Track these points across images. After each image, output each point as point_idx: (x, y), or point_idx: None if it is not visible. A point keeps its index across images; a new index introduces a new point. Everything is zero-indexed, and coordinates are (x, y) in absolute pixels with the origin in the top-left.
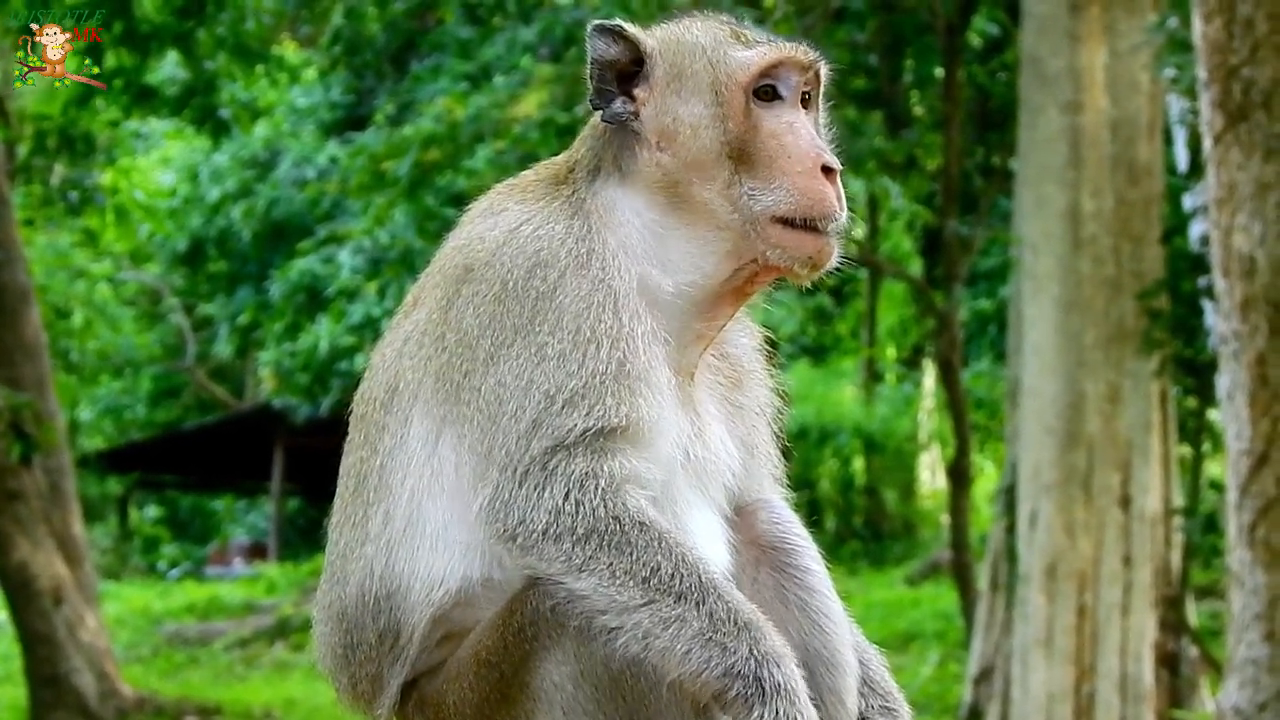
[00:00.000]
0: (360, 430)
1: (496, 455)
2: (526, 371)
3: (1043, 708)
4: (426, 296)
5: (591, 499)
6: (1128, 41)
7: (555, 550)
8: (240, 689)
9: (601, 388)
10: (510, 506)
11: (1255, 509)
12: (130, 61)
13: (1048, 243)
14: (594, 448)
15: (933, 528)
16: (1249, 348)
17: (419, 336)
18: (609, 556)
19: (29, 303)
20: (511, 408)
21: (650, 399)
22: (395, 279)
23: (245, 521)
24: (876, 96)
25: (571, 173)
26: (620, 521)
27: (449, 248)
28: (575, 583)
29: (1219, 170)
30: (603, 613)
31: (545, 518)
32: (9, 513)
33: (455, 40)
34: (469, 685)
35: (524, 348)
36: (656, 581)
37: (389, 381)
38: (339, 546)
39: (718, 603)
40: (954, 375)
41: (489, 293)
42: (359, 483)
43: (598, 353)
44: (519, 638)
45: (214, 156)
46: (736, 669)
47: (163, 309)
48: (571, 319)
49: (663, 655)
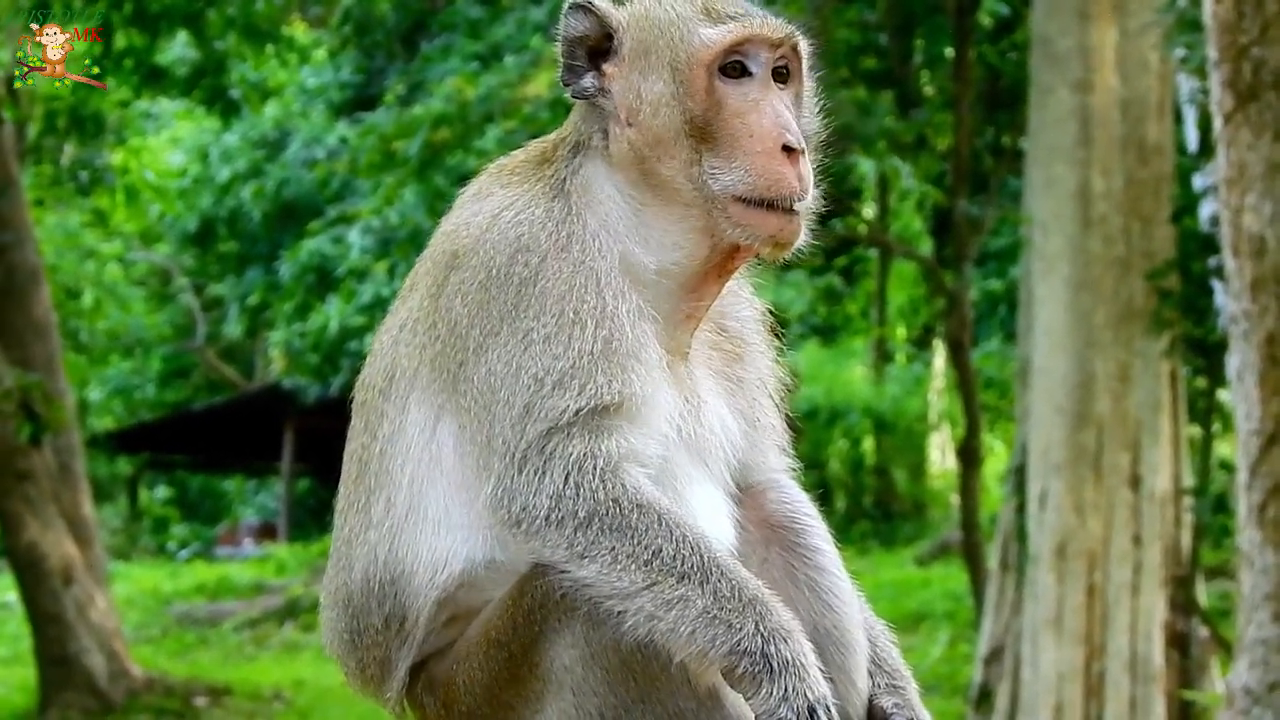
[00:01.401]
0: (361, 416)
1: (496, 444)
2: (515, 358)
3: (1053, 688)
4: (420, 282)
5: (591, 480)
6: (1138, 21)
7: (559, 536)
8: (250, 669)
9: (591, 367)
10: (513, 494)
11: (1265, 489)
12: (140, 42)
13: (1058, 222)
14: (589, 427)
15: (943, 508)
16: (1259, 327)
17: (413, 324)
18: (610, 540)
19: (39, 283)
20: (504, 395)
21: (641, 375)
22: (404, 259)
23: (255, 502)
24: (887, 76)
25: (555, 151)
26: (619, 504)
27: (439, 233)
28: (579, 570)
29: (1229, 150)
30: (608, 598)
31: (547, 503)
32: (19, 493)
33: (465, 20)
34: (478, 666)
35: (511, 335)
36: (658, 563)
37: (387, 368)
38: (343, 533)
39: (721, 580)
40: (964, 355)
41: (474, 280)
42: (361, 469)
43: (583, 333)
44: (528, 620)
45: (224, 137)
46: (743, 646)
47: (172, 289)
48: (555, 302)
49: (668, 637)
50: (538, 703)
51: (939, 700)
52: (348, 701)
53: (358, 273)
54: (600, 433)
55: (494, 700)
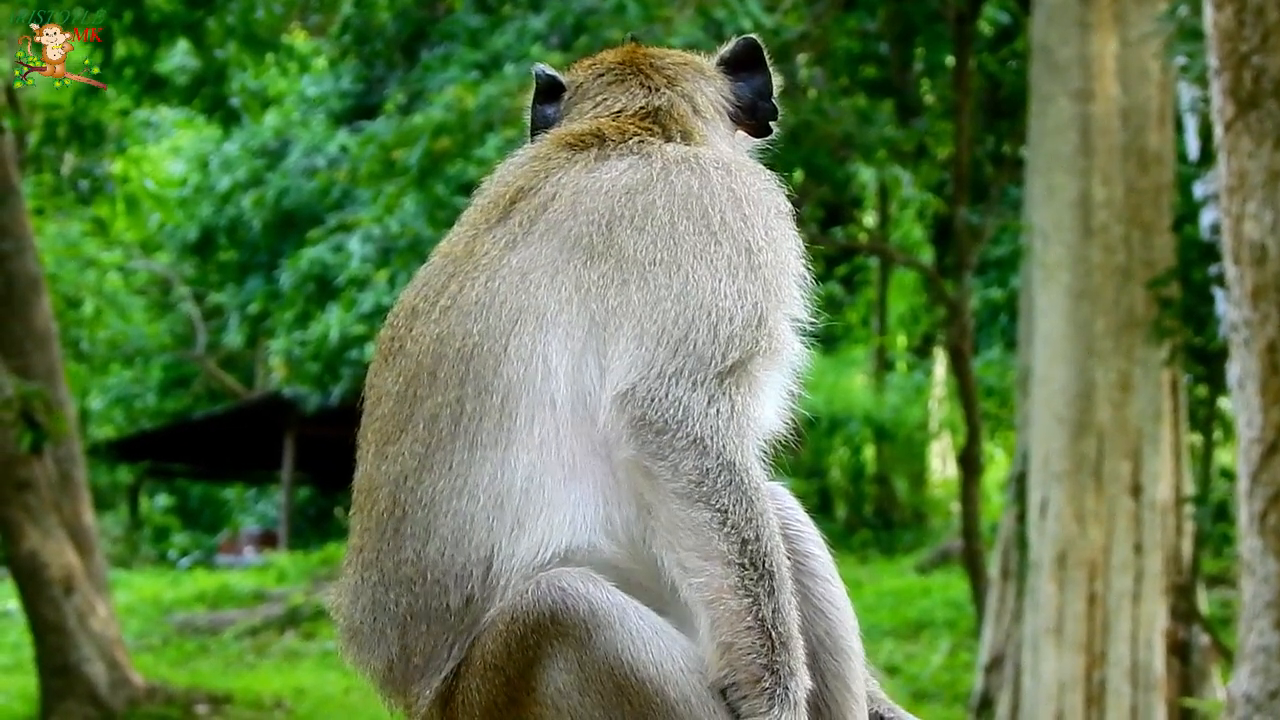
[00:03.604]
0: (456, 367)
1: (683, 347)
2: (738, 271)
3: (1053, 696)
4: (530, 239)
5: (740, 436)
6: (1138, 30)
7: (694, 464)
8: (251, 678)
9: (785, 325)
10: (678, 400)
11: (1266, 497)
12: (140, 50)
13: (1058, 231)
14: (756, 388)
15: (943, 516)
16: (1260, 335)
17: (548, 266)
18: (731, 498)
19: (39, 292)
20: (722, 306)
21: (796, 349)
22: (405, 268)
23: (255, 510)
24: (887, 85)
25: (683, 133)
26: (750, 472)
27: (573, 188)
28: (687, 508)
29: (1230, 158)
30: (689, 550)
31: (706, 428)
32: (19, 502)
33: (465, 29)
34: (476, 689)
35: (735, 250)
36: (754, 549)
37: (512, 312)
38: (419, 498)
39: (785, 602)
40: (965, 363)
41: (681, 204)
42: (455, 427)
43: (795, 294)
44: (521, 645)
45: (224, 146)
46: (776, 669)
47: (173, 298)
48: (786, 252)
49: (724, 618)
50: None
51: (940, 708)
52: (349, 710)
53: (358, 281)
54: (759, 396)
55: None
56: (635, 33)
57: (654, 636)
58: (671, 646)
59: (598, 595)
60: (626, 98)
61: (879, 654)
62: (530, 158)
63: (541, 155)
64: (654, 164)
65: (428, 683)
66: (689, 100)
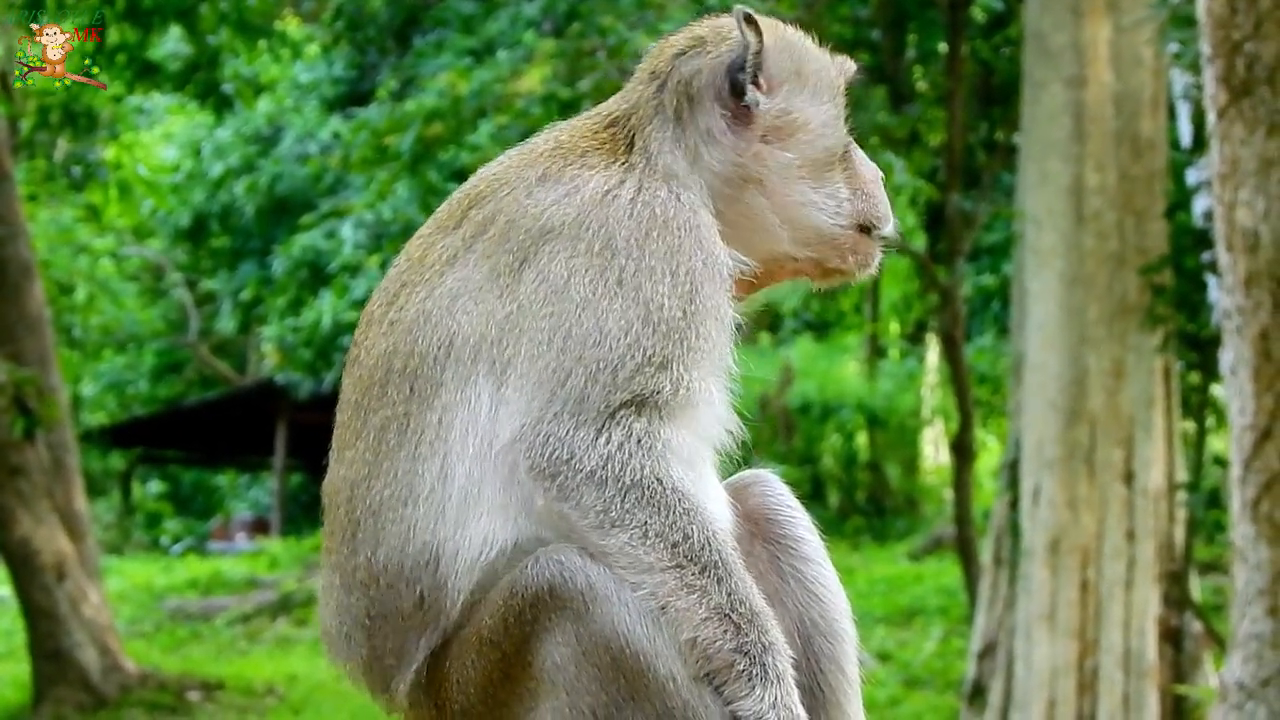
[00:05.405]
0: (401, 384)
1: (561, 391)
2: (634, 326)
3: (1046, 683)
4: (469, 258)
5: (643, 456)
6: (1131, 16)
7: (596, 497)
8: (243, 664)
9: (697, 362)
10: (561, 441)
11: (1259, 484)
12: (133, 37)
13: (1051, 218)
14: (664, 413)
15: (936, 503)
16: (1252, 323)
17: (475, 292)
18: (645, 514)
19: (32, 278)
20: (605, 353)
21: (721, 384)
22: (397, 253)
23: (248, 497)
24: (879, 71)
25: (630, 146)
26: (662, 483)
27: (510, 212)
28: (605, 537)
29: (1222, 145)
30: (625, 569)
31: (595, 460)
32: (11, 488)
33: (458, 15)
34: (471, 664)
35: (632, 302)
36: (686, 549)
37: (444, 336)
38: (369, 505)
39: (738, 584)
40: (957, 350)
41: (586, 249)
42: (402, 438)
43: (703, 328)
44: (519, 619)
45: (217, 132)
46: (747, 649)
47: (165, 284)
48: (688, 288)
49: (679, 618)
50: (531, 701)
51: (932, 695)
52: (341, 696)
53: (351, 268)
54: (668, 419)
55: (488, 699)
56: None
57: (647, 612)
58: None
59: (594, 570)
60: (617, 99)
61: (871, 641)
62: (506, 158)
63: (513, 160)
64: (577, 199)
65: (403, 677)
66: (655, 103)
